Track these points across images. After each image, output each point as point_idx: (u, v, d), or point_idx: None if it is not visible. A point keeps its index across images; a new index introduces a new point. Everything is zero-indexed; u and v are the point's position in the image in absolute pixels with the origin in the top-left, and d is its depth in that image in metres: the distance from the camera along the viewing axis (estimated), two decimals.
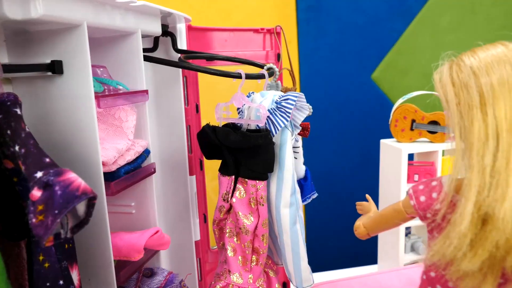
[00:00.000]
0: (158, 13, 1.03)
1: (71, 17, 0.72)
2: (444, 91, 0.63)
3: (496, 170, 0.56)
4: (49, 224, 0.54)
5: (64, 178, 0.55)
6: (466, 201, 0.57)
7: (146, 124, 0.99)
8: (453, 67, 0.63)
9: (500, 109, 0.56)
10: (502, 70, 0.57)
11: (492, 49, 0.61)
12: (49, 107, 0.80)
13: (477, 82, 0.58)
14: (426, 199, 0.66)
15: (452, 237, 0.58)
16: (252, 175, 1.00)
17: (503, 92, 0.56)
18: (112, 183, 0.84)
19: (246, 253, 1.02)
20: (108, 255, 0.85)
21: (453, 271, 0.59)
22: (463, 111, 0.59)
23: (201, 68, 1.02)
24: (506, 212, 0.54)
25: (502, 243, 0.55)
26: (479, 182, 0.56)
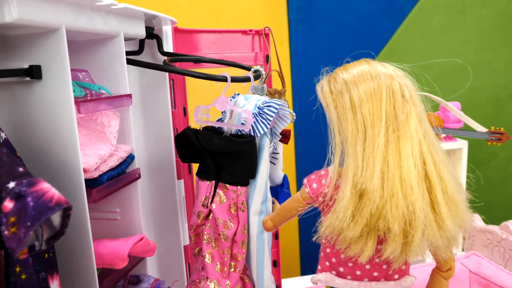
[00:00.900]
0: (142, 15, 1.01)
1: (48, 21, 0.70)
2: (325, 99, 0.80)
3: (365, 155, 0.72)
4: (21, 237, 0.52)
5: (37, 188, 0.53)
6: (346, 181, 0.73)
7: (130, 128, 0.98)
8: (331, 80, 0.80)
9: (365, 110, 0.73)
10: (367, 82, 0.75)
11: (359, 66, 0.79)
12: (28, 113, 0.78)
13: (349, 90, 0.75)
14: (317, 186, 0.80)
15: (337, 211, 0.73)
16: (233, 180, 0.98)
17: (367, 98, 0.74)
18: (94, 190, 0.83)
19: (225, 260, 1.00)
20: (91, 263, 0.83)
21: (341, 240, 0.75)
22: (339, 112, 0.76)
23: (185, 71, 1.00)
24: (375, 187, 0.70)
25: (374, 211, 0.71)
26: (354, 165, 0.72)
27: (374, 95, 0.73)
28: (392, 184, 0.70)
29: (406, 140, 0.72)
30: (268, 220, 0.97)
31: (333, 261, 0.84)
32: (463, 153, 1.81)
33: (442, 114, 1.83)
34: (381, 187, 0.70)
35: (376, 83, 0.74)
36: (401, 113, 0.73)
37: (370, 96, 0.73)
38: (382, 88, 0.74)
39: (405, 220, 0.70)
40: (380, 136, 0.72)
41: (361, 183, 0.71)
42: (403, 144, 0.72)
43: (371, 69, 0.77)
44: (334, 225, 0.73)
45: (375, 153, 0.71)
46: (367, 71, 0.76)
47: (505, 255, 1.59)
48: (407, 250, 0.73)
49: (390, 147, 0.72)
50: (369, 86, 0.74)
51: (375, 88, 0.74)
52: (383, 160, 0.71)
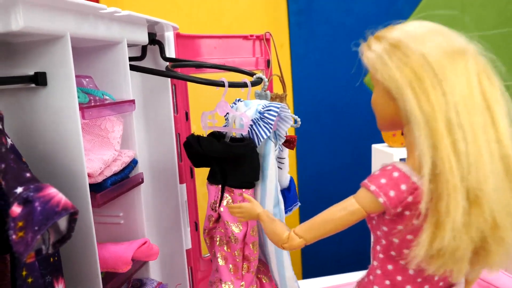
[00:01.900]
0: (145, 22, 1.03)
1: (53, 28, 0.72)
2: (387, 72, 0.60)
3: (469, 150, 0.55)
4: (29, 241, 0.53)
5: (44, 193, 0.54)
6: (454, 187, 0.54)
7: (133, 134, 0.99)
8: (381, 40, 0.64)
9: (453, 86, 0.56)
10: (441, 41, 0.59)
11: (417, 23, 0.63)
12: (33, 119, 0.79)
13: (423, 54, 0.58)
14: (396, 193, 0.60)
15: (447, 228, 0.55)
16: (238, 184, 1.00)
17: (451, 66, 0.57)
18: (98, 195, 0.84)
19: (237, 261, 1.01)
20: (95, 267, 0.84)
21: (439, 261, 0.58)
22: (419, 92, 0.57)
23: (185, 77, 1.01)
24: (490, 193, 0.55)
25: (489, 223, 0.56)
26: (457, 167, 0.55)
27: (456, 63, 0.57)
28: (502, 184, 0.56)
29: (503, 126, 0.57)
30: (293, 237, 0.70)
31: (398, 279, 0.67)
32: None
33: None
34: (496, 191, 0.56)
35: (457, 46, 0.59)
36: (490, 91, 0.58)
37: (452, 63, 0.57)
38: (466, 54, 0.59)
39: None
40: (479, 124, 0.56)
41: (474, 188, 0.55)
42: (503, 133, 0.57)
43: (440, 26, 0.62)
44: (441, 244, 0.56)
45: (480, 148, 0.55)
46: (435, 27, 0.61)
47: None
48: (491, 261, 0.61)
49: (491, 138, 0.56)
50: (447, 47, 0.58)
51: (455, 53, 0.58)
52: (490, 156, 0.56)
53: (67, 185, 0.80)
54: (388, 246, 0.66)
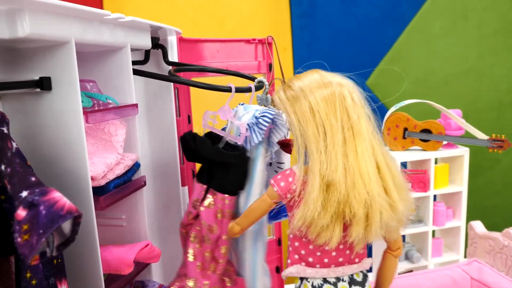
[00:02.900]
0: (148, 27, 1.04)
1: (59, 34, 0.73)
2: (285, 106, 0.87)
3: (328, 152, 0.82)
4: (34, 244, 0.54)
5: (49, 197, 0.55)
6: (313, 175, 0.82)
7: (136, 137, 1.00)
8: (286, 89, 0.89)
9: (323, 113, 0.83)
10: (321, 89, 0.85)
11: (311, 75, 0.89)
12: (38, 123, 0.81)
13: (306, 97, 0.84)
14: (285, 184, 0.88)
15: (309, 203, 0.81)
16: (221, 188, 1.00)
17: (323, 103, 0.84)
18: (101, 198, 0.85)
19: (206, 261, 1.03)
20: (98, 269, 0.85)
21: (313, 229, 0.83)
22: (299, 116, 0.84)
23: (190, 82, 1.02)
24: (340, 178, 0.80)
25: (341, 199, 0.81)
26: (319, 161, 0.82)
27: (328, 100, 0.84)
28: (353, 174, 0.81)
29: (360, 136, 0.83)
30: (234, 225, 0.99)
31: (302, 253, 0.93)
32: (464, 160, 1.82)
33: (443, 122, 1.85)
34: (345, 178, 0.81)
35: (329, 90, 0.85)
36: (353, 114, 0.84)
37: (325, 101, 0.84)
38: (335, 93, 0.85)
39: (367, 205, 0.82)
40: (338, 134, 0.82)
41: (328, 175, 0.81)
42: (358, 140, 0.83)
43: (323, 77, 0.87)
44: (306, 215, 0.82)
45: (336, 150, 0.82)
46: (320, 79, 0.87)
47: (507, 262, 1.59)
48: (368, 232, 0.84)
49: (348, 143, 0.83)
50: (323, 92, 0.85)
51: (328, 94, 0.84)
52: (343, 155, 0.82)
53: (71, 188, 0.81)
54: (293, 227, 0.89)
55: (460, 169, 1.85)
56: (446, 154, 1.82)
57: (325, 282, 0.93)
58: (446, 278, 1.40)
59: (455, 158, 1.87)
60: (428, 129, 1.80)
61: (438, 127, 1.78)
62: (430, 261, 1.87)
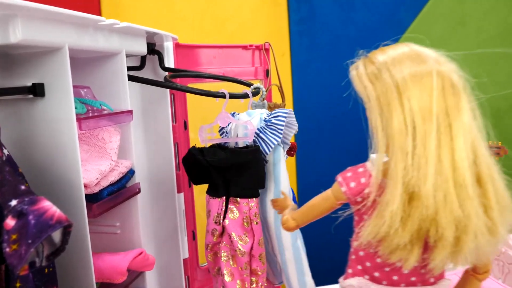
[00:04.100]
0: (143, 33, 1.03)
1: (52, 40, 0.72)
2: (362, 86, 0.70)
3: (416, 154, 0.63)
4: (22, 254, 0.53)
5: (38, 206, 0.54)
6: (395, 183, 0.64)
7: (130, 144, 0.99)
8: (368, 64, 0.71)
9: (414, 101, 0.64)
10: (411, 64, 0.66)
11: (399, 48, 0.71)
12: (31, 130, 0.80)
13: (393, 76, 0.66)
14: (356, 185, 0.71)
15: (385, 216, 0.65)
16: (243, 193, 0.98)
17: (413, 84, 0.64)
18: (94, 205, 0.84)
19: (244, 276, 0.99)
20: (90, 278, 0.84)
21: (386, 246, 0.67)
22: (383, 104, 0.66)
23: (185, 88, 1.02)
24: (428, 190, 0.62)
25: (427, 217, 0.63)
26: (403, 165, 0.63)
27: (422, 81, 0.64)
28: (447, 187, 0.63)
29: (459, 136, 0.64)
30: (289, 219, 0.86)
31: (367, 265, 0.77)
32: None
33: None
34: (435, 190, 0.62)
35: (423, 68, 0.65)
36: (453, 104, 0.65)
37: (418, 83, 0.64)
38: (431, 73, 0.65)
39: (459, 226, 0.64)
40: (432, 132, 0.63)
41: (413, 185, 0.63)
42: (458, 141, 0.64)
43: (416, 52, 0.69)
44: (379, 230, 0.66)
45: (427, 152, 0.63)
46: (411, 53, 0.68)
47: (504, 269, 1.58)
48: (455, 258, 0.67)
49: (443, 144, 0.63)
50: (415, 70, 0.65)
51: (422, 74, 0.65)
52: (437, 160, 0.63)
53: (64, 195, 0.80)
54: (357, 234, 0.73)
55: None
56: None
57: None
58: None
59: None
60: None
61: None
62: None
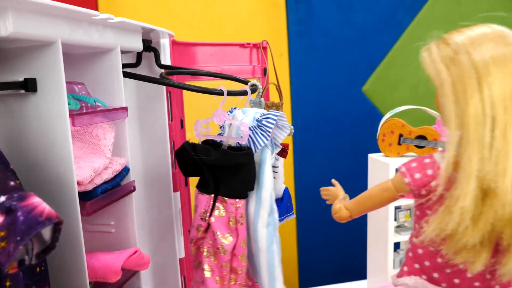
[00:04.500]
0: (139, 29, 1.02)
1: (44, 34, 0.71)
2: (436, 70, 0.64)
3: (494, 147, 0.58)
4: (11, 251, 0.52)
5: (27, 203, 0.53)
6: (468, 177, 0.59)
7: (125, 141, 0.98)
8: (442, 46, 0.66)
9: (495, 84, 0.58)
10: (493, 46, 0.59)
11: (478, 29, 0.65)
12: (23, 126, 0.78)
13: (471, 57, 0.60)
14: (422, 176, 0.67)
15: (454, 211, 0.60)
16: (232, 193, 0.98)
17: (497, 67, 0.58)
18: (87, 203, 0.82)
19: (224, 273, 0.99)
20: (84, 277, 0.82)
21: (451, 245, 0.62)
22: (459, 90, 0.60)
23: (181, 85, 1.00)
24: (508, 186, 0.57)
25: (503, 215, 0.58)
26: (479, 158, 0.58)
27: (506, 66, 0.58)
28: None
29: None
30: (342, 208, 0.82)
31: (426, 264, 0.71)
32: None
33: (438, 128, 1.83)
34: None
35: (508, 50, 0.60)
36: None
37: (501, 65, 0.59)
38: None
39: None
40: None
41: (489, 180, 0.58)
42: None
43: (498, 32, 0.63)
44: (446, 227, 0.61)
45: (508, 146, 0.58)
46: (493, 33, 0.63)
47: None
48: None
49: None
50: (499, 51, 0.60)
51: (507, 57, 0.59)
52: None
53: (56, 193, 0.79)
54: (419, 230, 0.69)
55: None
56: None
57: None
58: None
59: None
60: (424, 136, 1.79)
61: (434, 134, 1.77)
62: None
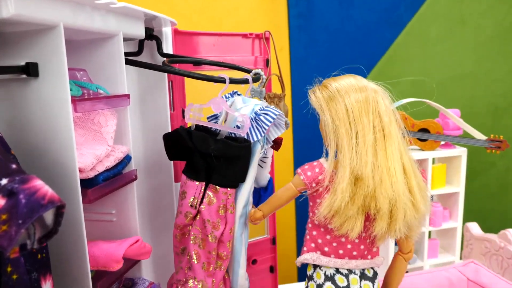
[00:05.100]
0: (142, 15, 1.01)
1: (46, 17, 0.70)
2: (320, 104, 0.93)
3: (358, 149, 0.87)
4: (13, 235, 0.51)
5: (29, 185, 0.52)
6: (344, 168, 0.87)
7: (127, 129, 0.97)
8: (323, 89, 0.94)
9: (356, 113, 0.88)
10: (356, 92, 0.90)
11: (346, 79, 0.93)
12: (24, 111, 0.77)
13: (342, 99, 0.90)
14: (312, 173, 0.93)
15: (337, 192, 0.87)
16: (225, 183, 0.97)
17: (358, 105, 0.89)
18: (89, 191, 0.81)
19: (211, 260, 1.00)
20: (85, 265, 0.82)
21: (337, 218, 0.88)
22: (334, 116, 0.90)
23: (184, 72, 0.99)
24: (368, 173, 0.86)
25: (367, 193, 0.86)
26: (349, 156, 0.87)
27: (363, 102, 0.89)
28: (381, 172, 0.87)
29: (389, 139, 0.89)
30: (256, 211, 1.03)
31: (319, 242, 0.98)
32: (462, 160, 1.80)
33: (441, 121, 1.83)
34: (373, 174, 0.86)
35: (364, 94, 0.90)
36: (385, 117, 0.90)
37: (360, 103, 0.89)
38: (369, 98, 0.90)
39: (392, 201, 0.87)
40: (369, 134, 0.88)
41: (357, 170, 0.86)
42: (388, 142, 0.89)
43: (358, 82, 0.93)
44: (333, 204, 0.87)
45: (366, 148, 0.87)
46: (356, 83, 0.92)
47: (503, 264, 1.58)
48: (391, 229, 0.89)
49: (378, 143, 0.88)
50: (358, 95, 0.90)
51: (363, 98, 0.90)
52: (373, 153, 0.87)
53: (58, 179, 0.78)
54: (313, 217, 0.96)
55: (457, 169, 1.83)
56: (443, 154, 1.80)
57: (337, 273, 0.97)
58: (442, 279, 1.38)
59: (452, 158, 1.85)
60: (426, 129, 1.78)
61: (436, 127, 1.76)
62: (426, 262, 1.85)
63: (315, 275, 0.99)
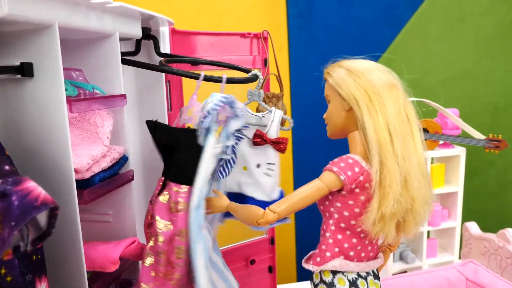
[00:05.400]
0: (138, 15, 1.00)
1: (41, 17, 0.69)
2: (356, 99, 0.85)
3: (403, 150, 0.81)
4: (5, 237, 0.50)
5: (22, 187, 0.51)
6: (393, 170, 0.80)
7: (124, 129, 0.96)
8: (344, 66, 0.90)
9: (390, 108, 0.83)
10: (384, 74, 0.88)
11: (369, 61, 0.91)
12: (19, 111, 0.77)
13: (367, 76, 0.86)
14: (352, 173, 0.83)
15: (390, 198, 0.80)
16: (175, 177, 0.89)
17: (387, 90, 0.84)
18: (85, 191, 0.81)
19: (159, 264, 0.90)
20: (81, 266, 0.81)
21: (382, 224, 0.82)
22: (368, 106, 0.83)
23: (181, 72, 0.98)
24: (416, 174, 0.82)
25: (415, 195, 0.82)
26: (396, 155, 0.81)
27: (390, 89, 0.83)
28: (418, 172, 0.83)
29: (417, 139, 0.84)
30: (269, 213, 0.84)
31: (345, 246, 0.88)
32: (461, 160, 1.80)
33: (440, 121, 1.82)
34: (414, 173, 0.82)
35: (391, 78, 0.85)
36: (411, 111, 0.85)
37: (388, 89, 0.83)
38: (397, 86, 0.85)
39: (423, 202, 0.84)
40: (407, 133, 0.83)
41: (405, 172, 0.81)
42: (416, 138, 0.84)
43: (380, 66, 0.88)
44: (386, 210, 0.80)
45: (408, 148, 0.82)
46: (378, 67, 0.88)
47: (502, 263, 1.57)
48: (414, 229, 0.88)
49: (413, 143, 0.84)
50: (386, 78, 0.85)
51: (390, 83, 0.84)
52: (414, 154, 0.83)
53: (53, 180, 0.78)
54: (339, 219, 0.87)
55: (456, 169, 1.83)
56: (442, 153, 1.80)
57: (359, 277, 0.90)
58: (441, 279, 1.38)
59: (451, 158, 1.85)
60: (425, 128, 1.78)
61: (435, 126, 1.76)
62: (425, 261, 1.85)
63: (337, 282, 0.88)
